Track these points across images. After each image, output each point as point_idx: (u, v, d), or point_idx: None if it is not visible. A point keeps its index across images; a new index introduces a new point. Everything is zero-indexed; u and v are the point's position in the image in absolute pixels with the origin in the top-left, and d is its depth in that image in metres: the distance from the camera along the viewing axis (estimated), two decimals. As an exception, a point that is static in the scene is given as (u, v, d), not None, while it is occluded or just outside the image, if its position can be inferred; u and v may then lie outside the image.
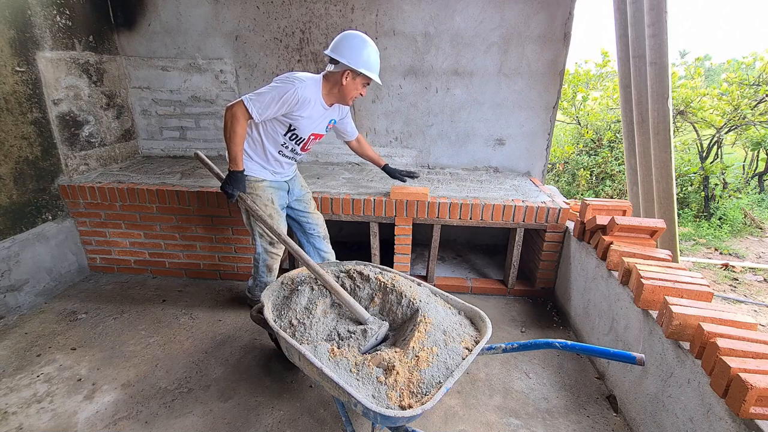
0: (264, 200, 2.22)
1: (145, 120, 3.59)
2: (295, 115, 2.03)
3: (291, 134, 2.13)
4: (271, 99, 1.94)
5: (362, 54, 1.98)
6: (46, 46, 2.69)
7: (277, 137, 2.14)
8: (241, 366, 2.18)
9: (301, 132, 2.12)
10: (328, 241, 2.59)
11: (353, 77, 2.01)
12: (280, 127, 2.11)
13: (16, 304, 2.59)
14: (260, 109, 1.95)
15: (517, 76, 3.27)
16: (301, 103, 1.98)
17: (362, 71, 1.98)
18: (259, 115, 1.95)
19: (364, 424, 1.82)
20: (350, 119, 2.44)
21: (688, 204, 6.52)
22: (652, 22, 2.54)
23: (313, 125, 2.13)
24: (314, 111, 2.07)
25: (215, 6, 3.24)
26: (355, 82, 2.03)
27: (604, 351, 1.46)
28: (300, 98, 1.96)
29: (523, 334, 2.56)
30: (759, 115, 6.14)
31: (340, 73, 2.00)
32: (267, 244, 2.37)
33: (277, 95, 1.94)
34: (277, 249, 2.40)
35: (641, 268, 1.86)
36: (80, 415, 1.84)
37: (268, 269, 2.45)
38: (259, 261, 2.42)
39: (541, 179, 3.52)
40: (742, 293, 3.85)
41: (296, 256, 1.91)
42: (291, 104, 1.97)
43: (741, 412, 1.22)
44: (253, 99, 1.94)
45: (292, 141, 2.16)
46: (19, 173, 2.57)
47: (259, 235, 2.34)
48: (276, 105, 1.95)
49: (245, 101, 1.93)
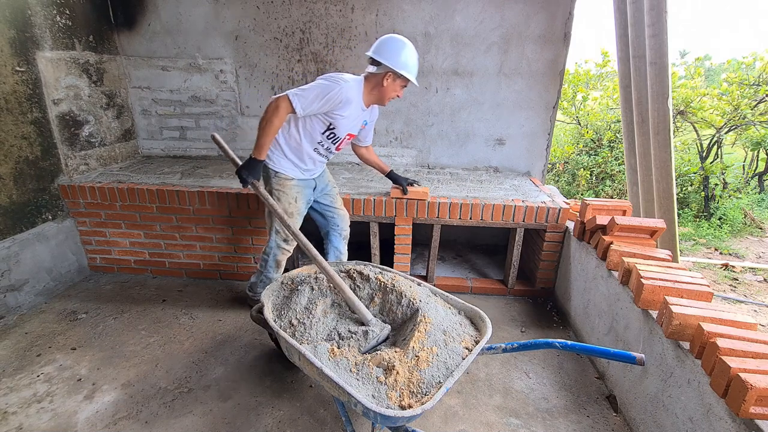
0: (289, 198, 2.27)
1: (145, 120, 3.59)
2: (336, 114, 2.07)
3: (329, 133, 2.17)
4: (315, 96, 1.98)
5: (402, 56, 2.04)
6: (46, 46, 2.69)
7: (315, 135, 2.18)
8: (241, 366, 2.18)
9: (339, 131, 2.17)
10: (346, 242, 2.62)
11: (394, 79, 2.08)
12: (319, 126, 2.15)
13: (16, 304, 2.59)
14: (304, 104, 1.98)
15: (517, 76, 3.27)
16: (344, 103, 2.04)
17: (403, 73, 2.04)
18: (302, 110, 1.99)
19: (364, 424, 1.82)
20: (373, 127, 2.49)
21: (688, 204, 6.52)
22: (652, 22, 2.54)
23: (350, 125, 2.19)
24: (354, 111, 2.12)
25: (215, 6, 3.24)
26: (395, 83, 2.10)
27: (604, 351, 1.46)
28: (343, 98, 2.02)
29: (523, 334, 2.56)
30: (759, 115, 6.14)
31: (381, 75, 2.07)
32: (281, 240, 2.39)
33: (322, 93, 1.98)
34: (289, 246, 2.42)
35: (641, 268, 1.86)
36: (80, 415, 1.84)
37: (276, 264, 2.46)
38: (270, 255, 2.43)
39: (541, 179, 3.52)
40: (742, 293, 3.85)
41: (308, 253, 1.90)
42: (334, 103, 2.02)
43: (741, 412, 1.22)
44: (298, 94, 1.97)
45: (329, 140, 2.20)
46: (19, 173, 2.57)
47: (275, 231, 2.37)
48: (320, 102, 1.99)
49: (290, 95, 1.96)
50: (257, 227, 2.88)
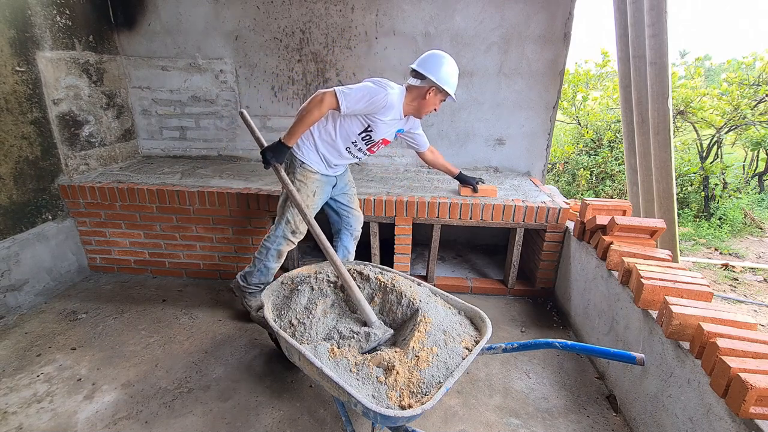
0: (308, 191, 2.26)
1: (145, 120, 3.59)
2: (377, 117, 2.10)
3: (365, 134, 2.18)
4: (362, 96, 2.00)
5: (448, 73, 2.10)
6: (46, 46, 2.69)
7: (351, 135, 2.19)
8: (241, 366, 2.18)
9: (375, 134, 2.18)
10: (356, 243, 2.62)
11: (435, 93, 2.12)
12: (357, 126, 2.16)
13: (16, 304, 2.59)
14: (350, 102, 1.99)
15: (517, 76, 3.27)
16: (387, 108, 2.06)
17: (447, 89, 2.10)
18: (346, 108, 1.99)
19: (364, 424, 1.82)
20: (422, 131, 2.51)
21: (688, 204, 6.52)
22: (652, 22, 2.54)
23: (387, 131, 2.21)
24: (393, 118, 2.16)
25: (215, 6, 3.24)
26: (436, 98, 2.15)
27: (604, 351, 1.45)
28: (387, 103, 2.04)
29: (523, 334, 2.56)
30: (759, 115, 6.14)
31: (425, 88, 2.11)
32: (289, 231, 2.36)
33: (369, 94, 2.00)
34: (296, 238, 2.40)
35: (641, 268, 1.86)
36: (80, 414, 1.84)
37: (278, 255, 2.42)
38: (273, 245, 2.38)
39: (541, 179, 3.51)
40: (742, 293, 3.86)
41: (321, 246, 1.90)
42: (377, 106, 2.04)
43: (741, 412, 1.22)
44: (345, 93, 1.98)
45: (363, 141, 2.21)
46: (19, 173, 2.57)
47: (286, 221, 2.34)
48: (364, 103, 2.01)
49: (337, 92, 1.97)
50: (257, 227, 2.88)
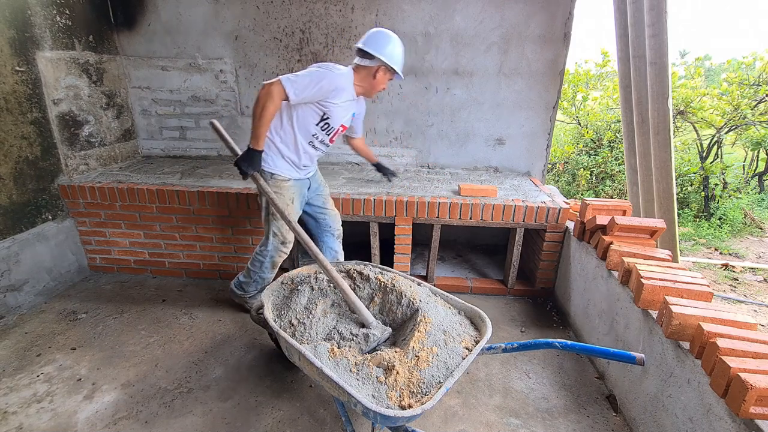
0: (286, 200, 2.24)
1: (145, 120, 3.59)
2: (330, 102, 2.07)
3: (323, 123, 2.16)
4: (309, 81, 1.97)
5: (395, 52, 2.10)
6: (45, 46, 2.69)
7: (309, 127, 2.16)
8: (241, 366, 2.18)
9: (333, 121, 2.16)
10: (340, 241, 2.62)
11: (384, 72, 2.12)
12: (313, 117, 2.13)
13: (16, 303, 2.59)
14: (297, 90, 1.95)
15: (517, 76, 3.27)
16: (337, 91, 2.05)
17: (396, 68, 2.11)
18: (295, 95, 1.96)
19: (364, 424, 1.82)
20: (362, 119, 2.50)
21: (688, 204, 6.53)
22: (652, 22, 2.54)
23: (343, 115, 2.19)
24: (346, 100, 2.14)
25: (215, 6, 3.24)
26: (385, 77, 2.15)
27: (604, 351, 1.45)
28: (337, 86, 2.03)
29: (523, 334, 2.56)
30: (759, 115, 6.14)
31: (374, 67, 2.10)
32: (279, 243, 2.37)
33: (316, 79, 1.98)
34: (286, 248, 2.41)
35: (641, 268, 1.86)
36: (80, 414, 1.84)
37: (273, 266, 2.45)
38: (267, 258, 2.41)
39: (541, 179, 3.51)
40: (742, 293, 3.85)
41: (310, 251, 1.89)
42: (327, 90, 2.02)
43: (741, 412, 1.22)
44: (292, 80, 1.94)
45: (323, 131, 2.19)
46: (19, 173, 2.57)
47: (273, 234, 2.34)
48: (313, 89, 1.98)
49: (283, 81, 1.93)
50: (257, 227, 2.88)
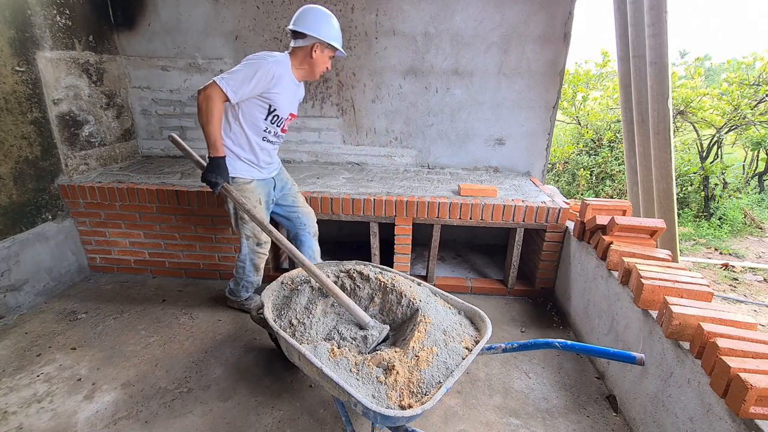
0: (252, 202, 2.17)
1: (145, 120, 3.59)
2: (273, 92, 1.99)
3: (272, 117, 2.08)
4: (245, 76, 1.88)
5: (329, 27, 1.99)
6: (45, 46, 2.69)
7: (259, 123, 2.08)
8: (241, 366, 2.18)
9: (280, 111, 2.08)
10: (316, 239, 2.57)
11: (322, 50, 2.02)
12: (260, 111, 2.05)
13: (16, 304, 2.59)
14: (234, 87, 1.87)
15: (516, 76, 3.27)
16: (276, 79, 1.96)
17: (332, 43, 2.00)
18: (234, 93, 1.88)
19: (364, 424, 1.82)
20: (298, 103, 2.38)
21: (688, 204, 6.53)
22: (652, 22, 2.54)
23: (289, 103, 2.10)
24: (288, 87, 2.05)
25: (215, 6, 3.24)
26: (324, 54, 2.04)
27: (604, 351, 1.45)
28: (274, 74, 1.94)
29: (523, 334, 2.56)
30: (759, 115, 6.14)
31: (309, 47, 2.00)
32: (254, 245, 2.34)
33: (251, 72, 1.89)
34: (263, 249, 2.38)
35: (641, 268, 1.86)
36: (80, 414, 1.84)
37: (255, 269, 2.42)
38: (246, 262, 2.39)
39: (541, 179, 3.51)
40: (742, 293, 3.85)
41: (290, 255, 1.89)
42: (266, 81, 1.93)
43: (741, 412, 1.22)
44: (226, 78, 1.87)
45: (273, 124, 2.11)
46: (19, 173, 2.57)
47: (246, 237, 2.31)
48: (251, 83, 1.90)
49: (218, 81, 1.86)
50: (257, 227, 2.88)
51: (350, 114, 3.47)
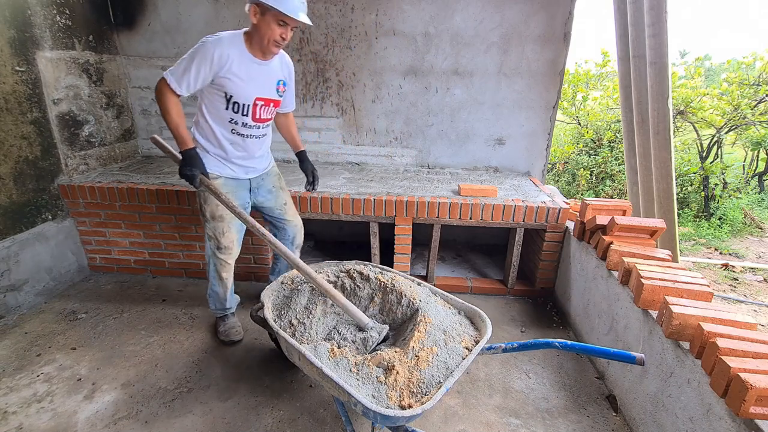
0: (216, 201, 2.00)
1: (145, 120, 3.59)
2: (223, 77, 1.81)
3: (232, 105, 1.89)
4: (187, 64, 1.77)
5: None
6: (45, 46, 2.69)
7: (221, 113, 1.92)
8: (241, 366, 2.18)
9: (239, 98, 1.88)
10: (299, 250, 2.47)
11: (263, 13, 1.73)
12: (219, 101, 1.90)
13: (16, 303, 2.59)
14: (178, 78, 1.78)
15: (517, 76, 3.27)
16: (220, 60, 1.77)
17: (270, 4, 1.67)
18: (178, 86, 1.78)
19: (364, 424, 1.82)
20: (293, 87, 2.17)
21: (688, 204, 6.53)
22: (652, 22, 2.54)
23: (253, 87, 1.89)
24: (244, 68, 1.84)
25: (215, 5, 3.23)
26: (265, 19, 1.74)
27: (604, 351, 1.45)
28: (214, 55, 1.75)
29: (523, 334, 2.56)
30: (759, 115, 6.14)
31: (251, 13, 1.76)
32: (215, 247, 2.14)
33: (190, 59, 1.77)
34: (223, 255, 2.16)
35: (641, 268, 1.86)
36: (80, 414, 1.84)
37: (219, 277, 2.23)
38: (210, 266, 2.23)
39: (541, 179, 3.51)
40: (742, 293, 3.85)
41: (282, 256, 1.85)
42: (208, 65, 1.77)
43: (741, 412, 1.22)
44: (171, 70, 1.79)
45: (236, 113, 1.92)
46: (19, 173, 2.57)
47: (208, 237, 2.14)
48: (194, 70, 1.77)
49: (165, 76, 1.78)
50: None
51: (350, 114, 3.47)
